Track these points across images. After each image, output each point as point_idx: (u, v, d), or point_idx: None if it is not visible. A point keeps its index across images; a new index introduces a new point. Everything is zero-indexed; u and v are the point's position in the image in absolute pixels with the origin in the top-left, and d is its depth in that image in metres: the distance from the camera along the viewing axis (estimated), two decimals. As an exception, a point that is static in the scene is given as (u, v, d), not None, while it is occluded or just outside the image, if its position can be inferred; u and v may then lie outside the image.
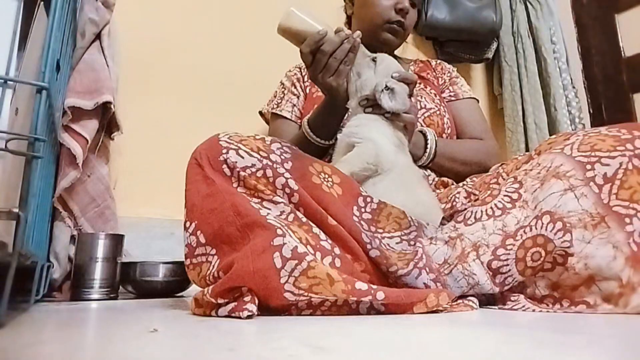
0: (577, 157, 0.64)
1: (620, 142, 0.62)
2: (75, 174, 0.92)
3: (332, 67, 0.79)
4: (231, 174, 0.62)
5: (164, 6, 1.34)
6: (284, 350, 0.35)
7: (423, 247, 0.66)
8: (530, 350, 0.36)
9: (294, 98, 1.11)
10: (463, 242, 0.66)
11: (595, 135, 0.66)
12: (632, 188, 0.59)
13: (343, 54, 0.78)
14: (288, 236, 0.56)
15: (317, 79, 0.81)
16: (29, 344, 0.40)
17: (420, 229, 0.70)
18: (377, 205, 0.70)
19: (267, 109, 1.14)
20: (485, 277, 0.62)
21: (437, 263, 0.65)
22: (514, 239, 0.63)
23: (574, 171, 0.63)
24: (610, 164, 0.61)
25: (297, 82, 1.13)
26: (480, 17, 1.67)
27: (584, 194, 0.61)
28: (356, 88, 0.82)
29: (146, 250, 1.11)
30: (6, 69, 0.55)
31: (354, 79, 0.82)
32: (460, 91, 1.14)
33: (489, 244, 0.64)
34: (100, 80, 0.96)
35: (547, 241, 0.60)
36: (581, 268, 0.58)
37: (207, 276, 0.59)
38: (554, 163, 0.66)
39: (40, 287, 0.71)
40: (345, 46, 0.78)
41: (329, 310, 0.57)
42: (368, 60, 0.82)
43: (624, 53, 1.86)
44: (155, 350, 0.38)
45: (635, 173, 0.59)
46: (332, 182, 0.68)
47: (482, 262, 0.63)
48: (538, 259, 0.60)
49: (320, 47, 0.78)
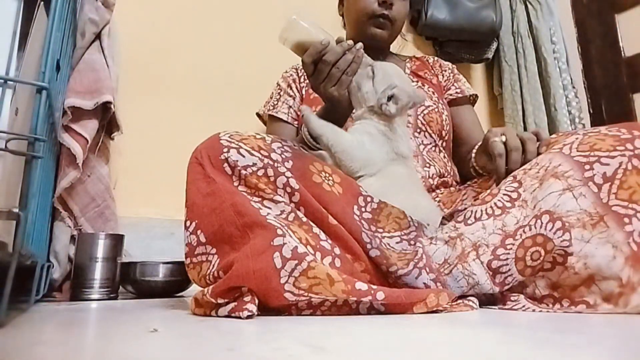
0: (575, 157, 0.64)
1: (620, 141, 0.62)
2: (75, 174, 0.92)
3: (334, 77, 0.78)
4: (232, 173, 0.62)
5: (164, 6, 1.33)
6: (284, 350, 0.35)
7: (423, 247, 0.66)
8: (530, 350, 0.36)
9: (290, 99, 1.10)
10: (463, 242, 0.66)
11: (595, 135, 0.66)
12: (631, 188, 0.59)
13: (345, 64, 0.78)
14: (288, 236, 0.56)
15: (318, 89, 0.81)
16: (29, 344, 0.40)
17: (420, 229, 0.70)
18: (377, 205, 0.70)
19: (264, 110, 1.14)
20: (485, 277, 0.62)
21: (437, 263, 0.65)
22: (513, 238, 0.63)
23: (572, 171, 0.63)
24: (610, 164, 0.61)
25: (293, 83, 1.13)
26: (480, 17, 1.67)
27: (583, 194, 0.61)
28: (359, 100, 0.82)
29: (146, 250, 1.11)
30: (6, 69, 0.55)
31: (355, 90, 0.82)
32: (465, 87, 1.13)
33: (489, 243, 0.64)
34: (100, 80, 0.96)
35: (547, 240, 0.60)
36: (581, 267, 0.58)
37: (207, 275, 0.60)
38: (552, 163, 0.66)
39: (40, 287, 0.71)
40: (348, 57, 0.78)
41: (329, 310, 0.57)
42: (367, 71, 0.82)
43: (624, 53, 1.86)
44: (155, 350, 0.38)
45: (635, 173, 0.59)
46: (332, 181, 0.68)
47: (482, 262, 0.63)
48: (538, 259, 0.60)
49: (322, 56, 0.77)
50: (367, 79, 0.82)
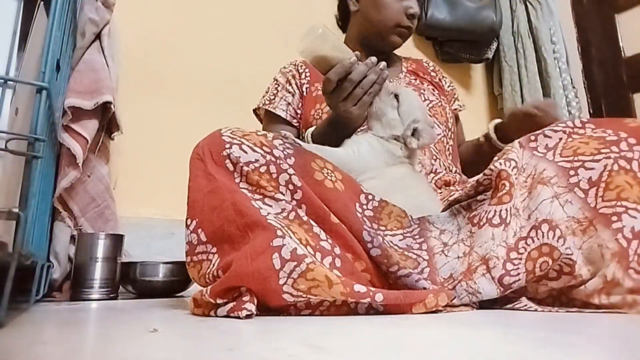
0: (559, 162, 0.64)
1: (604, 144, 0.62)
2: (75, 174, 0.92)
3: (356, 97, 0.78)
4: (234, 169, 0.62)
5: (164, 6, 1.34)
6: (284, 350, 0.35)
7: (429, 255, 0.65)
8: (530, 350, 0.36)
9: (289, 96, 1.08)
10: (470, 257, 0.64)
11: (579, 138, 0.65)
12: (618, 187, 0.59)
13: (369, 85, 0.78)
14: (288, 237, 0.56)
15: (337, 107, 0.80)
16: (29, 344, 0.40)
17: (424, 223, 0.70)
18: (379, 203, 0.70)
19: (260, 104, 1.11)
20: (494, 292, 0.60)
21: (443, 277, 0.64)
22: (517, 252, 0.61)
23: (556, 178, 0.63)
24: (595, 167, 0.60)
25: (293, 79, 1.10)
26: (480, 17, 1.67)
27: (569, 201, 0.60)
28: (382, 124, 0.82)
29: (146, 250, 1.11)
30: (6, 69, 0.55)
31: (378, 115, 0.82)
32: (457, 105, 1.17)
33: (498, 256, 0.62)
34: (100, 80, 0.96)
35: (552, 249, 0.59)
36: (586, 273, 0.58)
37: (207, 274, 0.60)
38: (537, 169, 0.66)
39: (40, 287, 0.71)
40: (372, 77, 0.78)
41: (327, 310, 0.57)
42: (391, 99, 0.82)
43: (624, 53, 1.86)
44: (155, 350, 0.38)
45: (623, 173, 0.59)
46: (335, 178, 0.68)
47: (493, 277, 0.60)
48: (546, 268, 0.59)
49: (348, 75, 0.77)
50: (391, 108, 0.82)
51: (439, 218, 0.72)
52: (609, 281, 0.56)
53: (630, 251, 0.56)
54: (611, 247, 0.57)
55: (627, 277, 0.55)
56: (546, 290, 0.61)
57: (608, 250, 0.57)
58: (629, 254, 0.56)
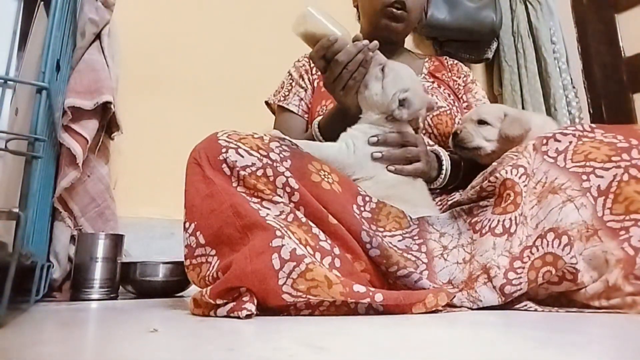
0: (571, 168, 0.63)
1: (615, 151, 0.61)
2: (75, 174, 0.92)
3: (342, 81, 0.76)
4: (231, 174, 0.62)
5: (164, 6, 1.34)
6: (284, 350, 0.35)
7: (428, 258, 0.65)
8: (530, 350, 0.36)
9: (302, 91, 1.08)
10: (471, 266, 0.64)
11: (590, 142, 0.64)
12: (627, 199, 0.58)
13: (354, 67, 0.75)
14: (287, 237, 0.56)
15: (332, 91, 0.79)
16: (29, 344, 0.40)
17: (423, 224, 0.69)
18: (376, 204, 0.70)
19: (274, 100, 1.10)
20: (496, 300, 0.60)
21: (442, 281, 0.64)
22: (521, 261, 0.61)
23: (569, 182, 0.62)
24: (604, 176, 0.60)
25: (305, 73, 1.10)
26: (480, 17, 1.67)
27: (584, 204, 0.60)
28: (366, 102, 0.79)
29: (146, 250, 1.11)
30: (6, 69, 0.55)
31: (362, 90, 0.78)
32: (474, 100, 1.09)
33: (499, 265, 0.62)
34: (100, 80, 0.96)
35: (557, 258, 0.58)
36: (589, 280, 0.58)
37: (206, 277, 0.59)
38: (548, 177, 0.65)
39: (40, 287, 0.71)
40: (358, 57, 0.75)
41: (327, 310, 0.57)
42: (377, 71, 0.78)
43: (624, 53, 1.86)
44: (155, 350, 0.38)
45: (633, 183, 0.58)
46: (331, 179, 0.68)
47: (494, 285, 0.60)
48: (548, 278, 0.59)
49: (335, 56, 0.74)
50: (375, 80, 0.78)
51: (439, 219, 0.72)
52: (610, 286, 0.56)
53: (638, 259, 0.55)
54: (616, 254, 0.57)
55: (627, 283, 0.55)
56: (546, 293, 0.62)
57: (613, 257, 0.57)
58: (636, 262, 0.55)
